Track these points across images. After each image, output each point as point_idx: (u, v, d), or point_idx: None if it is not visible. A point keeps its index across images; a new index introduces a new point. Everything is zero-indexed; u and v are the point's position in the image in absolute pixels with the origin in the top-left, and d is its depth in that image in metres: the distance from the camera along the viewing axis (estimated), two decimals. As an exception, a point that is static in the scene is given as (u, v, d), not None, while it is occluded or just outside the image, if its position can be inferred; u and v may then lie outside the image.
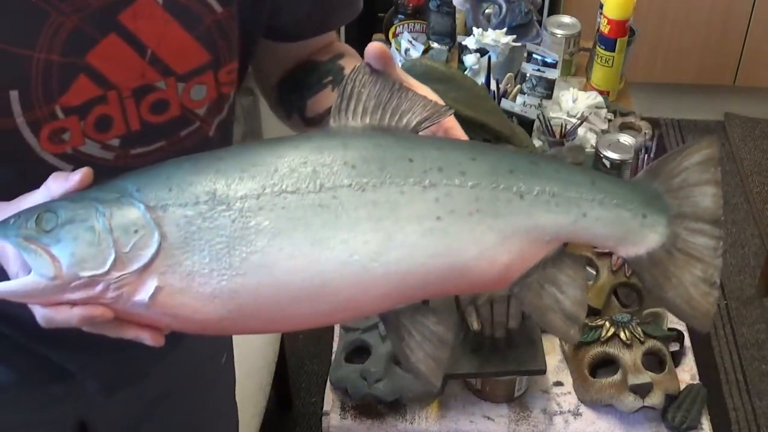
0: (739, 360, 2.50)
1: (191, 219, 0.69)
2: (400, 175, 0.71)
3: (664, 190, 0.78)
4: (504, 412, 1.45)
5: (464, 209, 0.72)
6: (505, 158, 0.74)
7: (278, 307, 0.70)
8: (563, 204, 0.74)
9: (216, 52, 0.90)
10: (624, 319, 1.46)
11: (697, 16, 3.08)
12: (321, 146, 0.72)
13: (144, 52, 0.86)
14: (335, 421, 1.44)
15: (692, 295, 0.78)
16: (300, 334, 2.49)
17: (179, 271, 0.69)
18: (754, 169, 3.11)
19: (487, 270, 0.73)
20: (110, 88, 0.86)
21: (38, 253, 0.69)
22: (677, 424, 1.42)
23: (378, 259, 0.70)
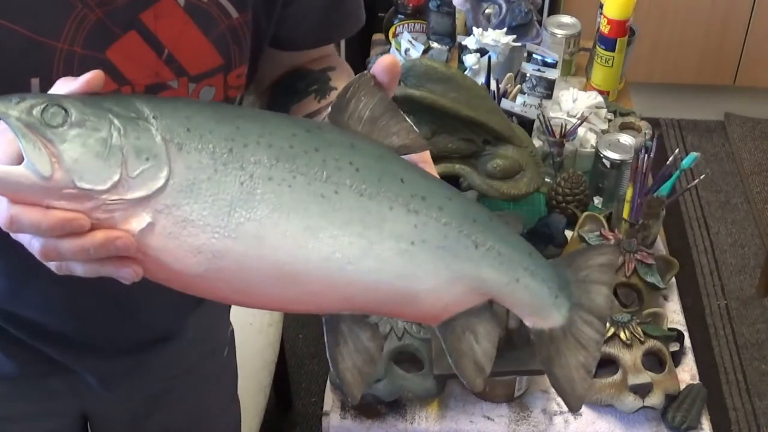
0: (739, 360, 2.50)
1: (204, 166, 0.67)
2: (392, 191, 0.73)
3: (573, 279, 0.85)
4: (504, 412, 1.45)
5: (434, 242, 0.74)
6: (471, 207, 0.78)
7: (252, 280, 0.70)
8: (505, 264, 0.79)
9: (228, 55, 0.92)
10: (624, 319, 1.46)
11: (697, 16, 3.08)
12: (332, 140, 0.72)
13: (161, 52, 0.88)
14: (335, 421, 1.44)
15: (573, 377, 0.86)
16: (300, 334, 2.49)
17: (175, 214, 0.67)
18: (754, 169, 3.12)
19: (432, 304, 0.77)
20: (125, 84, 0.87)
21: (38, 146, 0.64)
22: (677, 424, 1.42)
23: (354, 264, 0.71)
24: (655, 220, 1.65)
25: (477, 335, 0.83)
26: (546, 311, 0.84)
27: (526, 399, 1.47)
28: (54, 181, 0.64)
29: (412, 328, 1.46)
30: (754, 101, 3.33)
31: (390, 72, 0.75)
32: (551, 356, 0.86)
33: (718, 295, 2.68)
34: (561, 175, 1.76)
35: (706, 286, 2.71)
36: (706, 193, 3.04)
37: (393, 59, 0.76)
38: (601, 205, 1.80)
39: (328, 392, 1.47)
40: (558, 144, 1.81)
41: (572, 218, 1.71)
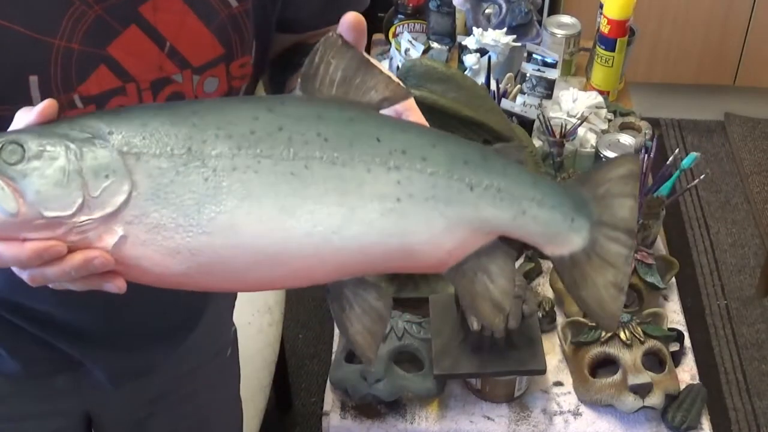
0: (739, 360, 2.50)
1: (164, 171, 0.68)
2: (368, 153, 0.72)
3: (590, 197, 0.82)
4: (504, 412, 1.45)
5: (421, 194, 0.73)
6: (461, 149, 0.76)
7: (237, 268, 0.70)
8: (507, 200, 0.77)
9: (229, 45, 0.91)
10: (624, 319, 1.46)
11: (697, 16, 3.08)
12: (297, 114, 0.71)
13: (163, 45, 0.87)
14: (335, 421, 1.44)
15: (603, 297, 0.82)
16: (300, 334, 2.49)
17: (145, 222, 0.67)
18: (754, 169, 3.11)
19: (432, 254, 0.75)
20: (129, 80, 0.87)
21: (1, 187, 0.66)
22: (677, 424, 1.42)
23: (339, 232, 0.71)
24: (655, 220, 1.65)
25: (491, 274, 0.80)
26: (563, 237, 0.81)
27: (526, 399, 1.47)
28: (22, 216, 0.66)
29: (412, 328, 1.46)
30: (754, 101, 3.33)
31: (356, 29, 0.75)
32: (576, 281, 0.83)
33: (718, 295, 2.68)
34: (561, 175, 1.76)
35: (706, 286, 2.71)
36: (706, 193, 3.04)
37: (357, 15, 0.75)
38: (601, 205, 1.80)
39: (328, 392, 1.47)
40: (558, 144, 1.81)
41: (572, 218, 1.71)
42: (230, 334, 1.33)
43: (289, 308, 2.42)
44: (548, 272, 1.65)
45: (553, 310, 1.57)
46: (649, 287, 1.55)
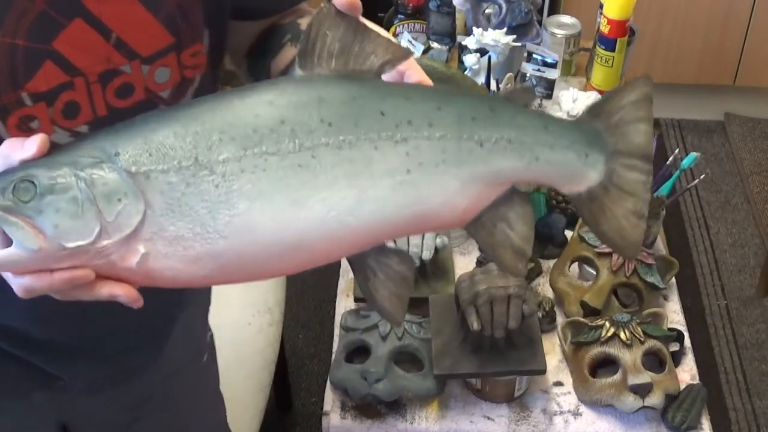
0: (739, 360, 2.50)
1: (174, 185, 0.69)
2: (373, 130, 0.72)
3: (604, 128, 0.81)
4: (504, 412, 1.45)
5: (431, 161, 0.74)
6: (467, 105, 0.76)
7: (259, 263, 0.72)
8: (518, 149, 0.77)
9: (179, 34, 0.90)
10: (624, 319, 1.45)
11: (697, 16, 3.08)
12: (298, 103, 0.71)
13: (109, 36, 0.86)
14: (335, 421, 1.44)
15: (623, 226, 0.82)
16: (300, 334, 2.49)
17: (164, 236, 0.69)
18: (754, 169, 3.11)
19: (449, 214, 0.76)
20: (77, 74, 0.86)
21: (20, 226, 0.67)
22: (677, 424, 1.42)
23: (353, 213, 0.71)
24: (655, 220, 1.65)
25: (509, 222, 0.80)
26: (579, 175, 0.81)
27: (526, 399, 1.47)
28: (45, 251, 0.67)
29: (412, 328, 1.46)
30: (754, 101, 3.33)
31: (350, 9, 0.74)
32: (595, 215, 0.82)
33: (718, 295, 2.68)
34: (561, 175, 1.76)
35: (706, 286, 2.71)
36: (706, 193, 3.04)
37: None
38: (601, 205, 1.80)
39: (328, 392, 1.47)
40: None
41: (572, 218, 1.71)
42: (206, 339, 1.32)
43: (289, 308, 2.42)
44: (548, 272, 1.65)
45: (553, 310, 1.57)
46: (649, 287, 1.55)
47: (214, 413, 1.38)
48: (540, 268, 1.68)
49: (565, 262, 1.61)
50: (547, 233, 1.71)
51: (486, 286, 1.37)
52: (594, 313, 1.52)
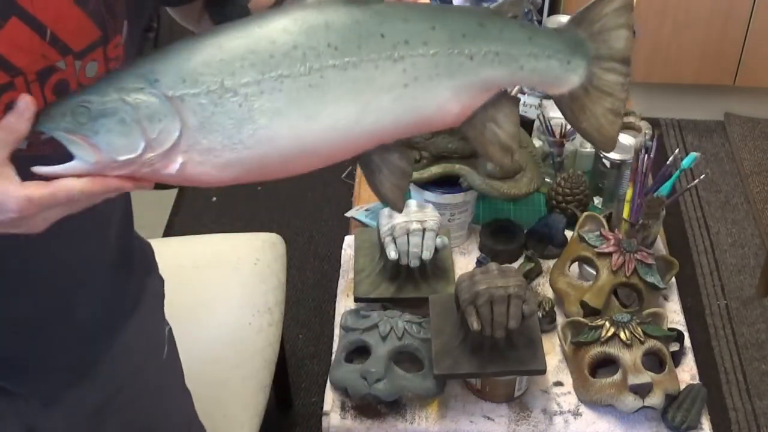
0: (739, 360, 2.50)
1: (205, 106, 0.82)
2: (374, 51, 0.84)
3: (587, 35, 0.92)
4: (504, 412, 1.45)
5: (426, 75, 0.86)
6: (459, 22, 0.87)
7: (280, 166, 0.85)
8: (505, 61, 0.88)
9: (104, 27, 0.91)
10: (624, 319, 1.45)
11: (697, 16, 3.08)
12: (308, 29, 0.83)
13: (44, 33, 0.86)
14: (335, 421, 1.44)
15: (602, 123, 0.94)
16: (300, 334, 2.49)
17: (198, 148, 0.82)
18: (754, 169, 3.12)
19: (443, 118, 0.89)
20: (17, 74, 0.86)
21: (79, 143, 0.81)
22: (677, 424, 1.42)
23: (359, 122, 0.84)
24: (655, 220, 1.65)
25: (497, 122, 0.91)
26: (561, 79, 0.92)
27: (526, 399, 1.47)
28: (100, 163, 0.81)
29: (412, 328, 1.46)
30: (754, 101, 3.33)
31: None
32: (576, 114, 0.93)
33: (718, 295, 2.68)
34: (561, 175, 1.76)
35: (706, 286, 2.71)
36: (706, 193, 3.04)
37: None
38: (601, 205, 1.80)
39: (328, 392, 1.47)
40: (558, 144, 1.81)
41: (572, 218, 1.71)
42: (164, 333, 1.32)
43: (289, 308, 2.42)
44: (548, 272, 1.65)
45: (553, 310, 1.57)
46: (649, 287, 1.55)
47: (181, 409, 1.38)
48: (540, 268, 1.68)
49: (565, 262, 1.61)
50: (547, 233, 1.71)
51: (486, 286, 1.37)
52: (594, 313, 1.52)
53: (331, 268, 2.62)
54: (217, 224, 2.83)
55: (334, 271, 1.70)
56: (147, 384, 1.26)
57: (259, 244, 2.00)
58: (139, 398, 1.25)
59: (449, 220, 1.68)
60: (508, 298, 1.37)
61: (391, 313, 1.48)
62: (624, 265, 1.53)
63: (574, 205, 1.74)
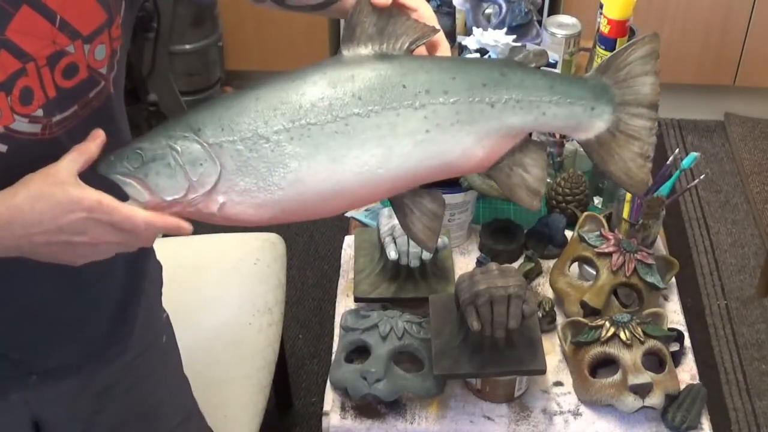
0: (739, 360, 2.50)
1: (241, 152, 0.90)
2: (396, 99, 0.91)
3: (612, 82, 0.95)
4: (504, 412, 1.45)
5: (447, 121, 0.91)
6: (479, 73, 0.93)
7: (310, 207, 0.93)
8: (526, 107, 0.92)
9: (109, 9, 0.94)
10: (624, 319, 1.45)
11: (697, 16, 3.08)
12: (334, 81, 0.91)
13: (54, 19, 0.89)
14: (335, 421, 1.44)
15: (630, 167, 0.97)
16: (300, 334, 2.49)
17: (236, 189, 0.91)
18: (754, 169, 3.11)
19: (467, 163, 0.94)
20: (28, 60, 0.88)
21: (132, 185, 0.90)
22: (677, 424, 1.42)
23: (383, 167, 0.91)
24: (655, 220, 1.65)
25: (525, 166, 0.96)
26: (585, 124, 0.95)
27: (526, 399, 1.47)
28: (151, 203, 0.91)
29: (412, 328, 1.46)
30: (754, 101, 3.33)
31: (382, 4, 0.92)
32: (604, 158, 0.97)
33: (718, 295, 2.68)
34: (561, 175, 1.76)
35: (706, 286, 2.71)
36: (706, 193, 3.04)
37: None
38: (601, 205, 1.80)
39: (328, 392, 1.47)
40: (558, 144, 1.81)
41: (572, 218, 1.71)
42: (162, 320, 1.34)
43: (289, 308, 2.42)
44: (548, 272, 1.65)
45: (553, 310, 1.57)
46: (649, 287, 1.55)
47: (179, 395, 1.39)
48: (540, 268, 1.68)
49: (565, 262, 1.61)
50: (547, 233, 1.71)
51: (486, 286, 1.37)
52: (594, 313, 1.52)
53: (331, 268, 2.62)
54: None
55: (334, 271, 1.70)
56: (147, 369, 1.27)
57: (258, 244, 2.00)
58: (139, 383, 1.27)
59: (449, 220, 1.68)
60: (508, 298, 1.37)
61: (391, 313, 1.48)
62: (624, 265, 1.53)
63: (574, 205, 1.74)
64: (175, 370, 1.38)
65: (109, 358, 1.19)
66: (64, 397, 1.18)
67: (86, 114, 0.97)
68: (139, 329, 1.22)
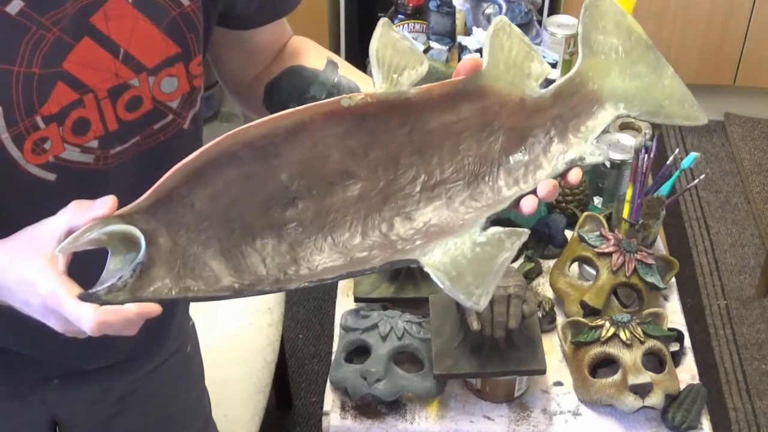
0: (739, 360, 2.50)
1: None
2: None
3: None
4: (504, 412, 1.45)
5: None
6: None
7: None
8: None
9: (185, 44, 0.92)
10: (624, 319, 1.45)
11: (697, 16, 3.08)
12: None
13: (117, 52, 0.87)
14: (335, 421, 1.44)
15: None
16: (300, 334, 2.49)
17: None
18: (754, 169, 3.12)
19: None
20: (87, 92, 0.87)
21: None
22: (677, 424, 1.42)
23: None
24: (655, 220, 1.65)
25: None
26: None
27: (526, 399, 1.47)
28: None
29: (412, 328, 1.46)
30: (754, 101, 3.33)
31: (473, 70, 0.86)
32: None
33: (718, 295, 2.68)
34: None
35: (706, 286, 2.71)
36: (706, 193, 3.04)
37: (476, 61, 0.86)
38: (601, 205, 1.80)
39: (328, 392, 1.47)
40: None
41: (572, 218, 1.71)
42: (188, 328, 1.34)
43: (289, 308, 2.42)
44: (548, 272, 1.65)
45: (553, 310, 1.57)
46: (649, 287, 1.55)
47: (197, 406, 1.39)
48: (540, 268, 1.68)
49: (565, 262, 1.61)
50: (547, 233, 1.71)
51: (486, 286, 1.37)
52: (594, 313, 1.52)
53: (331, 268, 2.62)
54: (217, 224, 2.83)
55: (334, 271, 1.69)
56: (170, 376, 1.27)
57: (259, 244, 2.00)
58: (160, 390, 1.26)
59: (449, 220, 1.68)
60: (508, 298, 1.37)
61: (391, 313, 1.48)
62: (624, 265, 1.53)
63: (574, 205, 1.74)
64: (197, 379, 1.38)
65: (135, 366, 1.19)
66: (83, 400, 1.17)
67: (149, 146, 0.95)
68: (168, 340, 1.22)
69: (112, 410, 1.21)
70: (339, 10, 2.98)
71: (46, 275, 0.76)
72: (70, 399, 1.16)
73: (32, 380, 1.11)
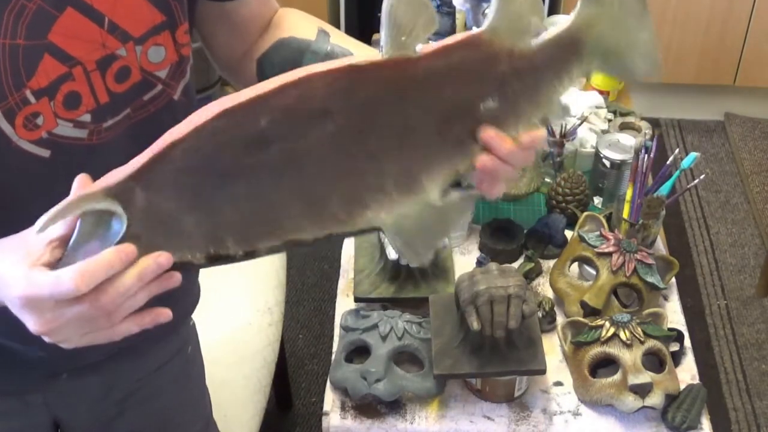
0: (739, 360, 2.50)
1: None
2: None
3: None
4: (504, 412, 1.45)
5: None
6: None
7: None
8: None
9: (170, 11, 0.91)
10: (624, 319, 1.45)
11: (697, 16, 3.08)
12: None
13: (101, 21, 0.86)
14: (335, 421, 1.44)
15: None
16: (300, 334, 2.49)
17: None
18: (754, 169, 3.12)
19: None
20: (75, 64, 0.86)
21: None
22: (677, 424, 1.42)
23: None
24: (655, 220, 1.65)
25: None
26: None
27: (526, 399, 1.47)
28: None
29: (412, 328, 1.46)
30: (754, 101, 3.33)
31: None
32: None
33: (718, 295, 2.68)
34: (561, 175, 1.76)
35: (706, 286, 2.71)
36: (706, 193, 3.04)
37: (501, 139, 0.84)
38: (601, 205, 1.80)
39: (328, 392, 1.47)
40: (558, 144, 1.81)
41: (572, 218, 1.71)
42: (188, 329, 1.33)
43: (289, 308, 2.42)
44: (548, 272, 1.65)
45: (553, 310, 1.57)
46: (649, 287, 1.55)
47: (198, 406, 1.39)
48: (540, 268, 1.68)
49: (565, 262, 1.61)
50: (547, 233, 1.71)
51: (486, 286, 1.37)
52: (594, 313, 1.52)
53: (331, 268, 2.62)
54: (217, 224, 2.83)
55: (334, 271, 1.70)
56: (170, 377, 1.27)
57: (259, 244, 2.00)
58: (161, 391, 1.26)
59: (449, 220, 1.68)
60: (508, 298, 1.37)
61: (391, 313, 1.48)
62: (624, 265, 1.53)
63: (574, 205, 1.74)
64: (197, 380, 1.38)
65: (141, 353, 1.18)
66: (86, 400, 1.17)
67: (139, 118, 0.94)
68: (163, 336, 1.21)
69: (113, 411, 1.21)
70: (339, 11, 2.99)
71: (18, 268, 0.74)
72: (72, 399, 1.15)
73: (41, 378, 1.10)
